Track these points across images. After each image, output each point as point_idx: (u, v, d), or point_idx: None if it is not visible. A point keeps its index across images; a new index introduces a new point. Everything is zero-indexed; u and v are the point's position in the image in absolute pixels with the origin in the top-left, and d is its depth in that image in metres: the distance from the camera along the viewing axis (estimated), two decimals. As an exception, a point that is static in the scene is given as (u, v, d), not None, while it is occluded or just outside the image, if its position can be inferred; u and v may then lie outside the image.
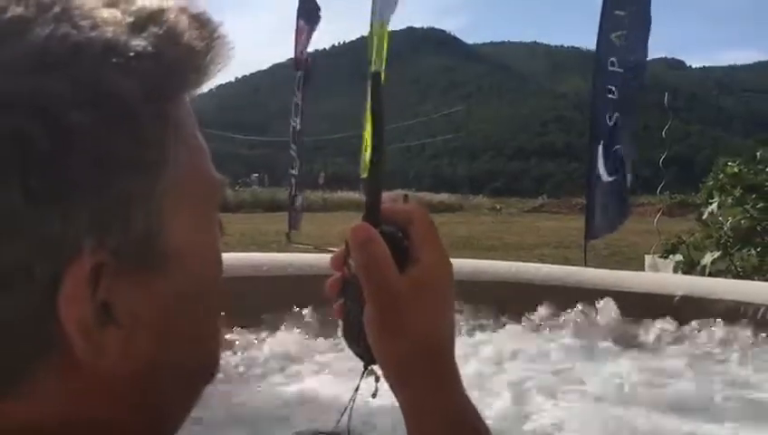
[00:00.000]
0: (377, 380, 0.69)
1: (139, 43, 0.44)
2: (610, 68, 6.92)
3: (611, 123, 6.91)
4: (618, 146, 6.94)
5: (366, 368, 0.69)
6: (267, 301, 3.54)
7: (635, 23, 6.85)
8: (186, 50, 0.47)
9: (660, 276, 5.11)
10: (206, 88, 0.52)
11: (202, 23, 0.49)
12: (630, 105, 6.95)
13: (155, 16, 0.46)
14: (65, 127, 0.41)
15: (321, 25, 12.08)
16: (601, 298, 3.59)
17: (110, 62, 0.43)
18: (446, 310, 0.68)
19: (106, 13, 0.44)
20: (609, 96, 6.93)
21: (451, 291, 0.68)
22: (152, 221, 0.45)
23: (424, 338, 0.66)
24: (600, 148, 7.03)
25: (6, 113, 0.40)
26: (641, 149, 7.40)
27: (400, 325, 0.65)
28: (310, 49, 12.02)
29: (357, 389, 0.72)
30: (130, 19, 0.45)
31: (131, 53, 0.44)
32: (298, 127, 11.89)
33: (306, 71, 11.91)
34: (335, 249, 0.71)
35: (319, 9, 12.17)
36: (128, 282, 0.45)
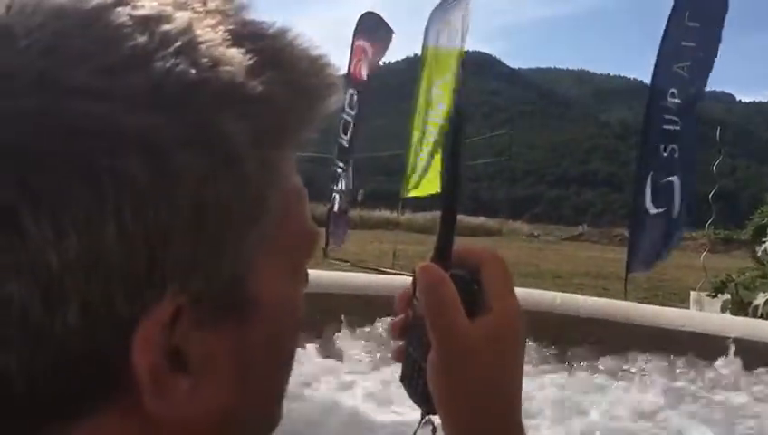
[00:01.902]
0: (434, 432, 0.65)
1: (254, 86, 0.43)
2: (671, 99, 6.84)
3: (665, 154, 6.80)
4: (671, 178, 6.83)
5: (423, 417, 0.66)
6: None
7: (702, 54, 6.77)
8: (301, 96, 0.46)
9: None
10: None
11: (320, 67, 0.48)
12: (690, 137, 6.85)
13: (276, 58, 0.46)
14: (168, 167, 0.40)
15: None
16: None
17: (225, 105, 0.42)
18: (516, 365, 0.64)
19: (228, 52, 0.43)
20: (666, 127, 6.84)
21: (523, 345, 0.66)
22: (240, 269, 0.45)
23: (490, 393, 0.63)
24: (650, 179, 6.91)
25: (111, 148, 0.39)
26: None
27: (466, 376, 0.62)
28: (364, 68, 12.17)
29: None
30: (251, 61, 0.44)
31: (246, 97, 0.43)
32: (346, 144, 12.00)
33: (365, 89, 12.05)
34: (370, 267, 0.66)
35: (390, 29, 12.30)
36: (205, 330, 0.44)
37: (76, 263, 0.39)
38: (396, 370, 0.70)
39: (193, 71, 0.41)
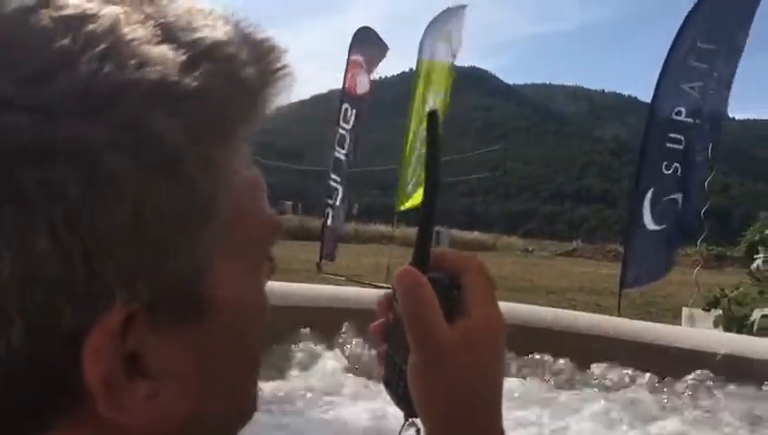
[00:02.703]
0: (417, 433, 0.65)
1: (188, 82, 0.41)
2: (676, 117, 6.85)
3: (668, 172, 6.81)
4: (674, 196, 6.85)
5: (406, 419, 0.65)
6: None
7: (717, 76, 6.81)
8: (239, 87, 0.44)
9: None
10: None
11: (264, 52, 0.46)
12: (701, 156, 6.88)
13: (211, 51, 0.43)
14: (99, 174, 0.38)
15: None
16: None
17: (155, 105, 0.40)
18: (495, 368, 0.63)
19: (157, 49, 0.41)
20: (670, 145, 6.85)
21: (502, 349, 0.64)
22: (192, 271, 0.43)
23: (469, 395, 0.61)
24: (649, 196, 6.93)
25: (39, 158, 0.37)
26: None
27: (444, 380, 0.61)
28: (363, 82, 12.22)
29: None
30: (183, 57, 0.42)
31: (179, 94, 0.41)
32: (343, 158, 12.02)
33: (360, 103, 12.08)
34: (365, 282, 0.67)
35: (384, 44, 12.36)
36: (161, 333, 0.43)
37: (12, 281, 0.38)
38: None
39: (120, 72, 0.39)
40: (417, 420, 0.64)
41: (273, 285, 0.55)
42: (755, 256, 6.96)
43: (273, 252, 0.54)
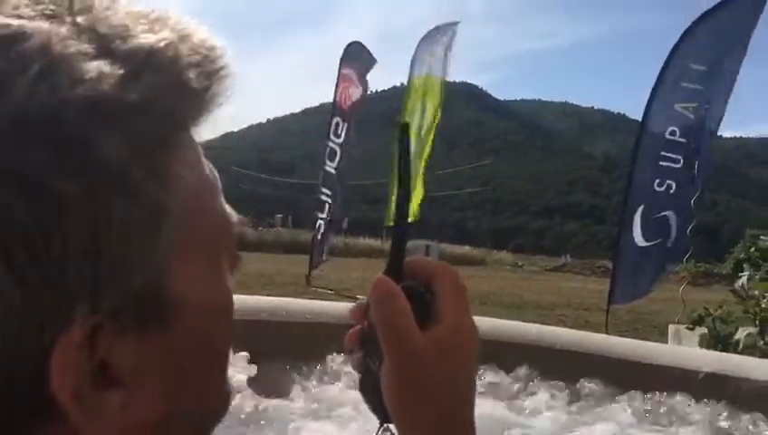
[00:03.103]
0: None
1: (127, 95, 0.41)
2: (670, 136, 6.93)
3: (660, 189, 6.87)
4: (665, 213, 6.90)
5: (381, 425, 0.66)
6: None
7: (712, 98, 6.89)
8: (181, 92, 0.44)
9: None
10: (236, 128, 0.49)
11: (204, 54, 0.46)
12: (693, 175, 6.95)
13: (149, 59, 0.43)
14: (48, 197, 0.39)
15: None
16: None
17: (95, 122, 0.40)
18: (468, 374, 0.65)
19: (93, 65, 0.41)
20: (663, 163, 6.92)
21: (474, 355, 0.65)
22: (151, 277, 0.43)
23: (441, 401, 0.62)
24: (640, 212, 6.97)
25: None
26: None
27: (418, 385, 0.61)
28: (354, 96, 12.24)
29: None
30: (121, 70, 0.42)
31: (118, 109, 0.41)
32: (333, 172, 12.02)
33: (351, 117, 12.09)
34: (354, 296, 0.68)
35: (373, 58, 12.40)
36: (128, 340, 0.43)
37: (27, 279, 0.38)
38: None
39: (55, 93, 0.39)
40: (392, 426, 0.65)
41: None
42: (740, 274, 7.00)
43: (234, 248, 0.53)
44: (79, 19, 0.43)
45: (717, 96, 6.94)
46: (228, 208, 0.51)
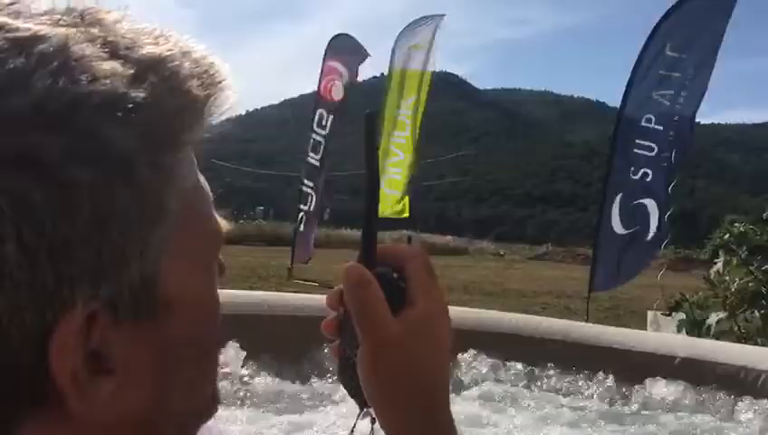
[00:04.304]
0: (373, 422, 0.67)
1: (137, 94, 0.44)
2: (646, 124, 6.96)
3: (636, 177, 6.91)
4: (643, 200, 6.95)
5: (361, 410, 0.68)
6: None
7: (689, 85, 6.92)
8: (185, 98, 0.47)
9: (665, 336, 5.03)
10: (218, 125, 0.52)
11: (204, 68, 0.49)
12: (670, 163, 6.98)
13: (155, 65, 0.47)
14: (61, 182, 0.41)
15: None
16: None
17: (107, 116, 0.43)
18: (441, 356, 0.67)
19: (106, 65, 0.45)
20: (639, 151, 6.96)
21: (446, 337, 0.67)
22: (147, 271, 0.46)
23: (416, 381, 0.64)
24: (618, 200, 7.02)
25: (2, 167, 0.40)
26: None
27: (392, 368, 0.63)
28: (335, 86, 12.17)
29: (353, 431, 0.71)
30: (131, 70, 0.45)
31: (129, 105, 0.44)
32: (317, 164, 11.98)
33: (336, 109, 12.03)
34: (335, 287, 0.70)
35: (365, 50, 12.32)
36: (122, 331, 0.45)
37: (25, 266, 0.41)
38: None
39: (72, 87, 0.43)
40: (372, 410, 0.67)
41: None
42: (715, 260, 7.09)
43: (220, 255, 0.56)
44: (90, 29, 0.47)
45: (694, 84, 6.98)
46: (218, 217, 0.54)
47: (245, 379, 3.37)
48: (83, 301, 0.43)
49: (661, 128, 6.98)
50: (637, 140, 7.02)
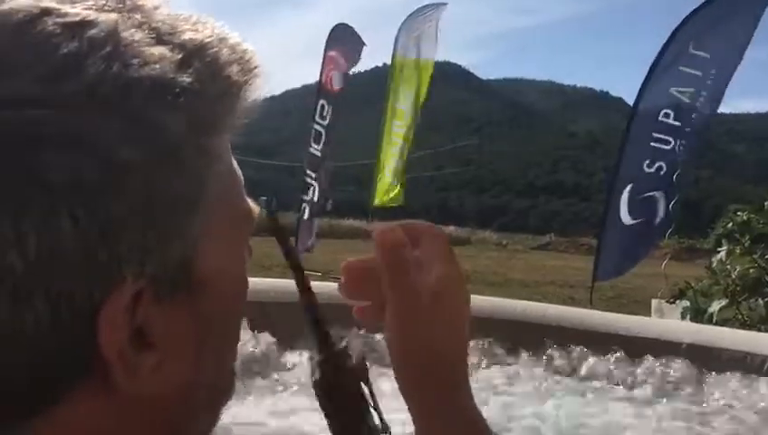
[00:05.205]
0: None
1: (184, 79, 0.46)
2: (663, 119, 6.98)
3: (650, 170, 6.93)
4: (654, 193, 6.97)
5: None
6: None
7: (709, 83, 6.92)
8: (227, 84, 0.50)
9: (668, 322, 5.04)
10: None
11: (240, 54, 0.51)
12: (684, 157, 7.01)
13: (199, 51, 0.49)
14: (114, 163, 0.43)
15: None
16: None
17: (158, 101, 0.45)
18: (460, 321, 0.69)
19: (155, 50, 0.46)
20: (655, 145, 6.98)
21: (465, 303, 0.70)
22: (188, 250, 0.48)
23: (438, 345, 0.67)
24: (627, 191, 7.03)
25: (61, 148, 0.42)
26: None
27: (417, 330, 0.66)
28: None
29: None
30: (178, 56, 0.47)
31: (177, 90, 0.46)
32: (318, 154, 11.98)
33: (337, 99, 12.01)
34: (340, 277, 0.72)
35: (361, 40, 12.30)
36: (163, 308, 0.47)
37: (37, 263, 0.42)
38: None
39: (124, 72, 0.44)
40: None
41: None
42: (719, 250, 7.09)
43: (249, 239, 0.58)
44: (133, 15, 0.48)
45: (716, 83, 6.97)
46: (249, 201, 0.56)
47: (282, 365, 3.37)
48: (131, 278, 0.45)
49: (679, 124, 6.99)
50: (654, 134, 7.03)
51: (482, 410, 0.69)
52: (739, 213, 7.36)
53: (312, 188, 12.22)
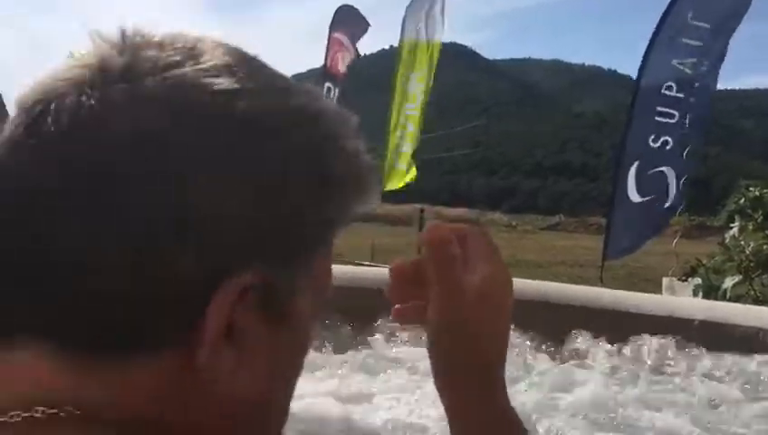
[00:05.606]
0: None
1: (364, 160, 0.54)
2: (667, 92, 6.93)
3: (656, 145, 6.90)
4: (661, 168, 6.94)
5: None
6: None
7: (709, 53, 6.88)
8: (363, 172, 0.55)
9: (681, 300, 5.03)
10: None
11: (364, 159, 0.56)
12: (689, 130, 6.99)
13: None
14: (324, 173, 0.51)
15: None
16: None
17: (340, 128, 0.53)
18: (502, 321, 0.70)
19: (351, 143, 0.54)
20: (659, 119, 6.94)
21: (509, 304, 0.70)
22: (298, 283, 0.50)
23: (480, 344, 0.68)
24: (634, 168, 6.99)
25: (341, 156, 0.52)
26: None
27: (460, 327, 0.67)
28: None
29: None
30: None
31: (336, 120, 0.53)
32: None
33: (342, 82, 11.95)
34: (352, 261, 0.71)
35: (366, 21, 12.22)
36: (259, 318, 0.48)
37: (240, 218, 0.46)
38: None
39: (315, 101, 0.53)
40: None
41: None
42: (731, 226, 7.06)
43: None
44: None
45: (715, 53, 6.92)
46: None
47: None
48: (254, 272, 0.46)
49: (682, 95, 6.94)
50: (658, 108, 6.97)
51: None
52: (751, 189, 7.32)
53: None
